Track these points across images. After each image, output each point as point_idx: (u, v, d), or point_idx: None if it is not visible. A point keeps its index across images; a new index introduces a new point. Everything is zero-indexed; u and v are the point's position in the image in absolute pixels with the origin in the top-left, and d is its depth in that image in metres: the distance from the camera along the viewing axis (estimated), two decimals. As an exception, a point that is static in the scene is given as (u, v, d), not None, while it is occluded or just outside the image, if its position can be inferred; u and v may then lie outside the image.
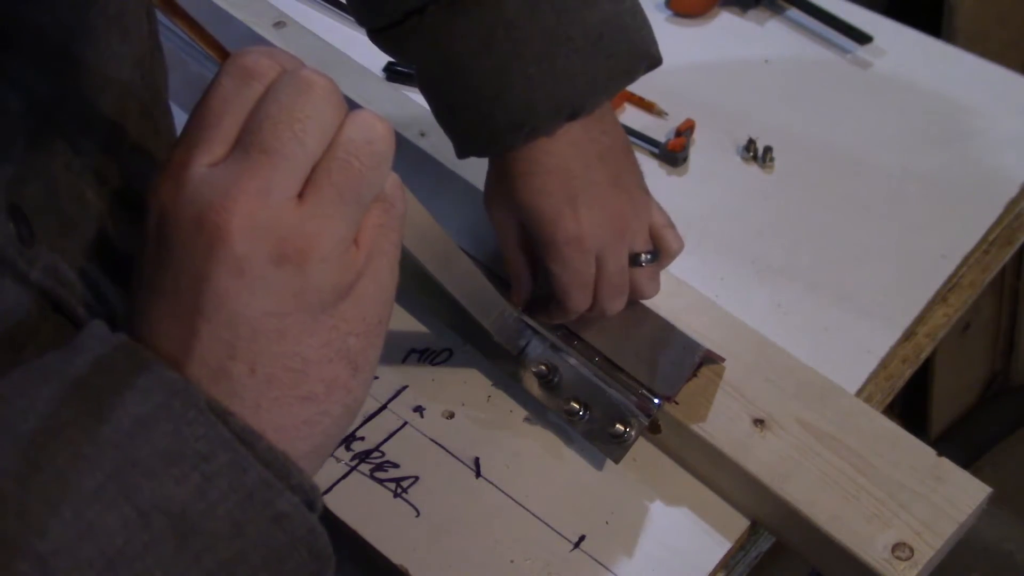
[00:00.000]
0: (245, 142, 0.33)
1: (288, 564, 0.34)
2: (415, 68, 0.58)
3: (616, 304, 0.62)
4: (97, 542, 0.30)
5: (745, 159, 0.85)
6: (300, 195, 0.34)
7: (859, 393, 0.68)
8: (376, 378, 0.68)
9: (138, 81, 0.49)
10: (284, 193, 0.33)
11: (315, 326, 0.35)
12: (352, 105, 0.84)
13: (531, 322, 0.65)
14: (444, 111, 0.59)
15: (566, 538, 0.61)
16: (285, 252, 0.33)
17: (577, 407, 0.63)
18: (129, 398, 0.32)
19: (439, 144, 0.78)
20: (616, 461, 0.63)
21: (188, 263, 0.33)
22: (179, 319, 0.33)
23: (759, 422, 0.61)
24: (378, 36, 0.58)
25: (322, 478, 0.63)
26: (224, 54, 0.36)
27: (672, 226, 0.64)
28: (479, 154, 0.59)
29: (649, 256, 0.62)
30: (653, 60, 0.58)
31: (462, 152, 0.60)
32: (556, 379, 0.65)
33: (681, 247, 0.64)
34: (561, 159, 0.57)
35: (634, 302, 0.65)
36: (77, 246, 0.42)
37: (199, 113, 0.34)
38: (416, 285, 0.71)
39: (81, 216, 0.43)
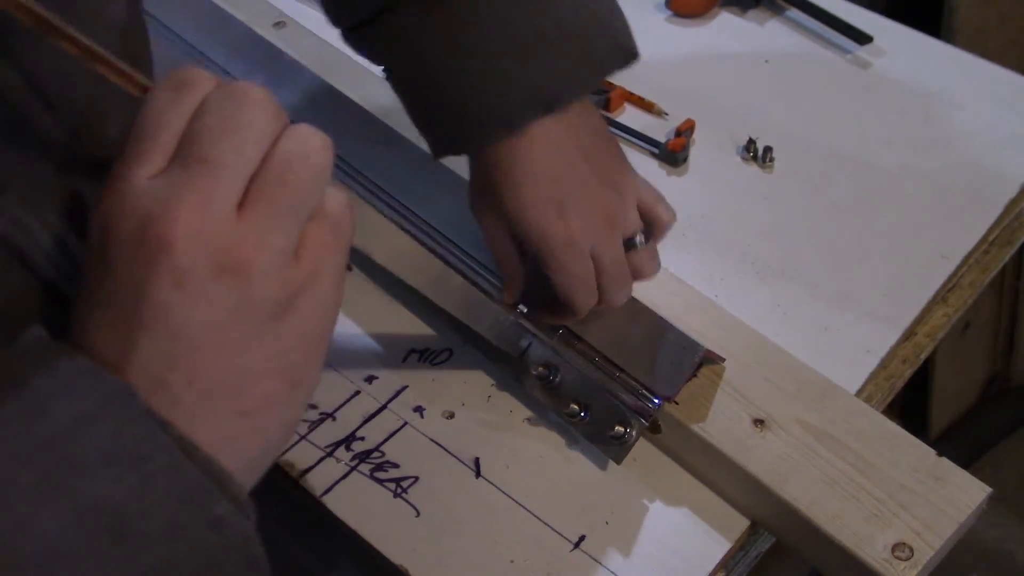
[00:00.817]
0: (184, 154, 0.33)
1: (223, 570, 0.34)
2: (388, 67, 0.58)
3: (622, 294, 0.62)
4: (32, 539, 0.30)
5: (745, 159, 0.85)
6: (239, 206, 0.34)
7: (859, 393, 0.68)
8: (376, 378, 0.68)
9: (118, 47, 0.48)
10: (225, 203, 0.33)
11: (255, 340, 0.35)
12: (351, 105, 0.84)
13: (529, 325, 0.65)
14: (418, 108, 0.59)
15: (566, 538, 0.61)
16: (226, 264, 0.33)
17: (577, 408, 0.63)
18: (68, 398, 0.32)
19: (439, 144, 0.78)
20: (618, 462, 0.63)
21: (129, 274, 0.33)
22: (118, 330, 0.33)
23: (759, 422, 0.61)
24: (351, 35, 0.57)
25: (322, 478, 0.63)
26: (142, 87, 0.35)
27: (662, 199, 0.63)
28: (454, 151, 0.59)
29: (643, 238, 0.61)
30: (628, 54, 0.58)
31: (437, 150, 0.59)
32: (556, 380, 0.65)
33: (674, 217, 0.63)
34: (546, 164, 0.57)
35: (634, 302, 0.65)
36: (47, 203, 0.41)
37: (136, 126, 0.34)
38: (414, 297, 0.71)
39: (56, 178, 0.42)
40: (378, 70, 0.59)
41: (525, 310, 0.66)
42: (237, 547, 0.34)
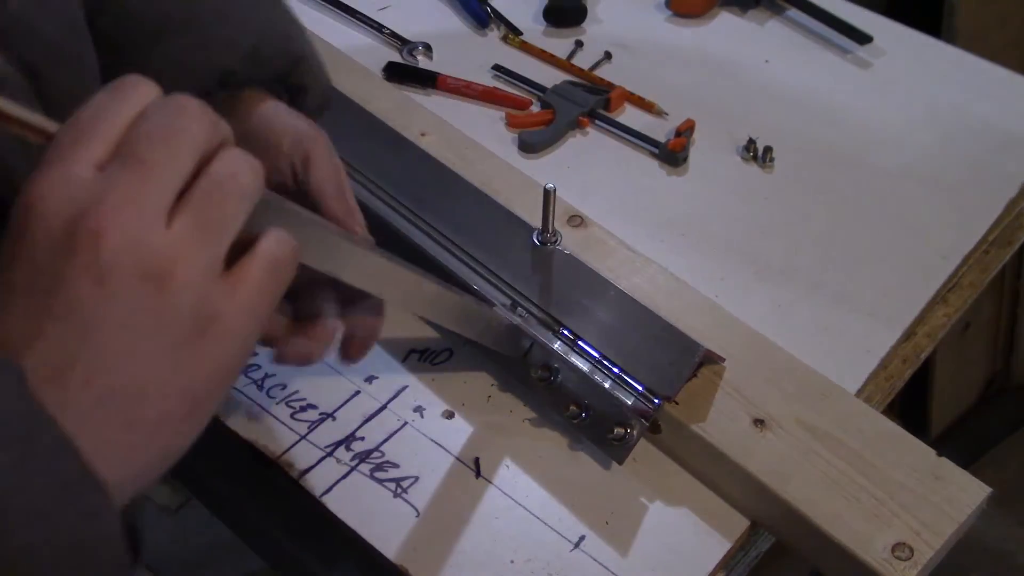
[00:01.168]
0: (123, 154, 0.34)
1: (92, 563, 0.33)
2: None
3: None
4: None
5: (745, 159, 0.85)
6: (168, 216, 0.34)
7: (859, 393, 0.68)
8: (376, 378, 0.68)
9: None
10: (157, 207, 0.33)
11: (162, 356, 0.34)
12: (352, 105, 0.84)
13: (529, 329, 0.65)
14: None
15: (566, 538, 0.61)
16: (150, 269, 0.33)
17: (577, 409, 0.63)
18: None
19: (439, 144, 0.78)
20: (619, 462, 0.63)
21: (50, 262, 0.33)
22: (26, 316, 0.33)
23: (759, 422, 0.61)
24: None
25: (322, 478, 0.63)
26: (46, 135, 0.35)
27: None
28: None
29: None
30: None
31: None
32: (556, 381, 0.65)
33: None
34: None
35: (634, 302, 0.65)
36: None
37: (75, 118, 0.34)
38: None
39: None
40: (378, 71, 0.58)
41: (524, 313, 0.66)
42: (108, 543, 0.33)
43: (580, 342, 0.64)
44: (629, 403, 0.62)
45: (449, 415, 0.67)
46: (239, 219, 0.36)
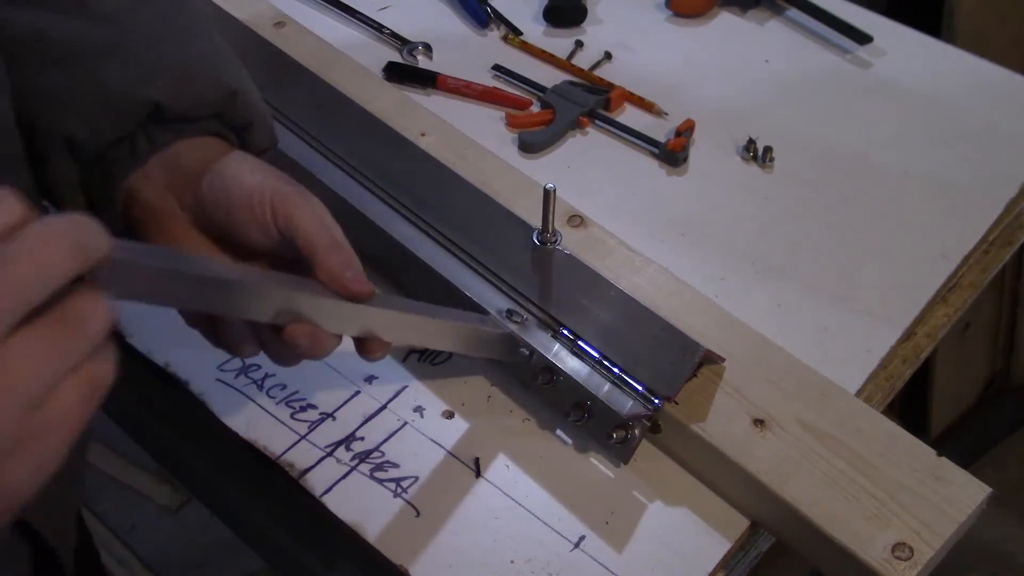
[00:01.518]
0: None
1: None
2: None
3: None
4: None
5: (745, 159, 0.85)
6: (13, 331, 0.33)
7: (859, 393, 0.68)
8: (376, 378, 0.68)
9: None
10: (2, 322, 0.33)
11: None
12: (351, 105, 0.83)
13: (522, 337, 0.64)
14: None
15: (566, 538, 0.61)
16: None
17: (579, 411, 0.63)
18: None
19: (439, 144, 0.78)
20: (625, 462, 0.63)
21: None
22: None
23: (759, 422, 0.61)
24: None
25: (322, 478, 0.63)
26: None
27: None
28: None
29: None
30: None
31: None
32: (557, 383, 0.65)
33: None
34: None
35: (634, 302, 0.65)
36: None
37: None
38: (413, 298, 0.71)
39: None
40: (378, 71, 0.57)
41: (521, 318, 0.65)
42: None
43: (580, 342, 0.64)
44: (629, 404, 0.62)
45: (449, 415, 0.67)
46: (77, 358, 0.36)
